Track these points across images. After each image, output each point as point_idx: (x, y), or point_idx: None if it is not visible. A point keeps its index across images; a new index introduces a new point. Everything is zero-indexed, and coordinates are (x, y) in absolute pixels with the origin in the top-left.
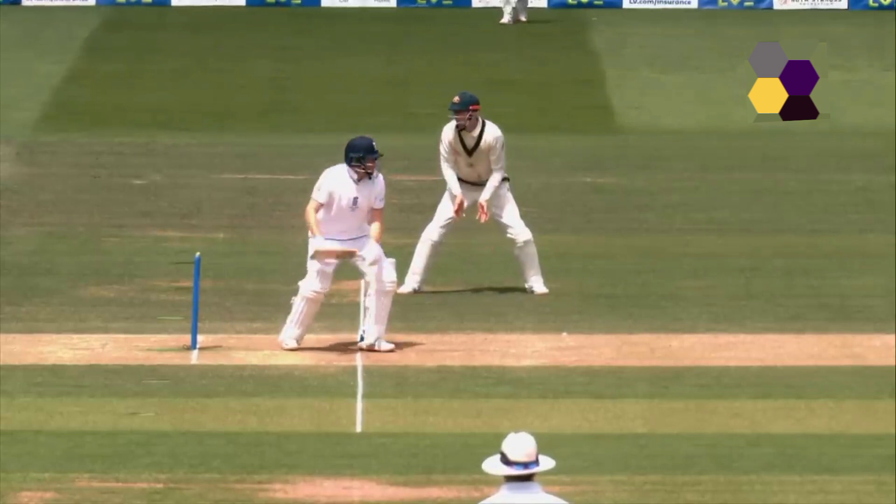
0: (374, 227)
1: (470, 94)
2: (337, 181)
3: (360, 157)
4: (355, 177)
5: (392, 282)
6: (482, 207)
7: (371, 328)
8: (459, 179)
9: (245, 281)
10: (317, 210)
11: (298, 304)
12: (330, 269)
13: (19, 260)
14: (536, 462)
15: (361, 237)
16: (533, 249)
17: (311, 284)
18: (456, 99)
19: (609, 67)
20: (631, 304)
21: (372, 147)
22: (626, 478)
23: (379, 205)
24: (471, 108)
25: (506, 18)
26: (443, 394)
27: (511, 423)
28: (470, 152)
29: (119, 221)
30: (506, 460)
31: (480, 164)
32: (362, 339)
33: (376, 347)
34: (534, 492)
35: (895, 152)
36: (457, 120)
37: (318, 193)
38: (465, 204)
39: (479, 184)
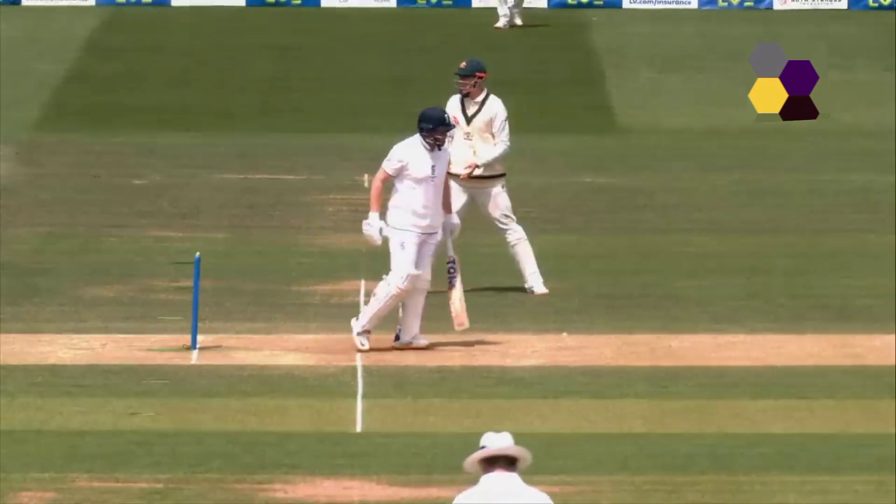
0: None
1: (478, 60)
2: (410, 151)
3: (431, 127)
4: (428, 147)
5: (428, 280)
6: (472, 166)
7: (409, 325)
8: (454, 175)
9: (245, 281)
10: (384, 181)
11: (382, 297)
12: (414, 262)
13: (19, 260)
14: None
15: (437, 218)
16: (527, 248)
17: (401, 281)
18: (462, 64)
19: (609, 67)
20: (631, 304)
21: (443, 118)
22: (626, 478)
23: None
24: (477, 74)
25: (501, 23)
26: (443, 394)
27: (511, 423)
28: (469, 120)
29: (119, 221)
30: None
31: (477, 137)
32: (398, 338)
33: (414, 344)
34: (514, 482)
35: (895, 152)
36: (461, 85)
37: (388, 163)
38: (462, 202)
39: (474, 177)
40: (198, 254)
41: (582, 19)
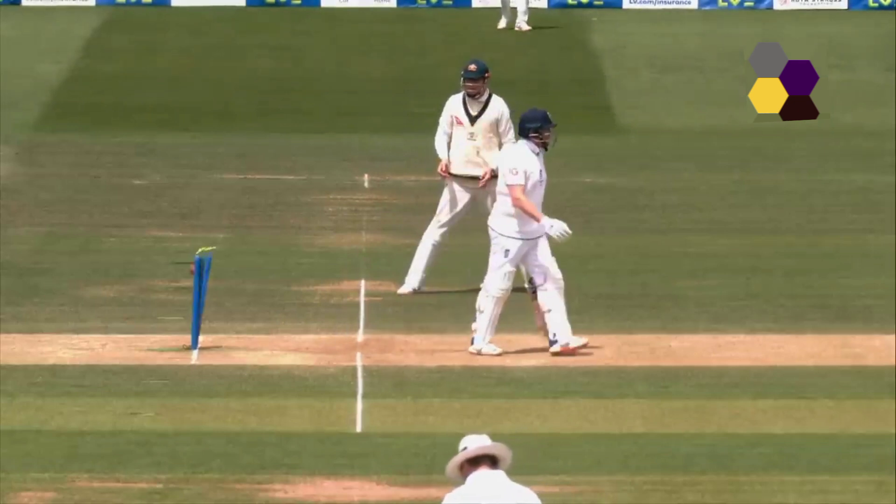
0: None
1: (482, 61)
2: (524, 158)
3: (538, 127)
4: (536, 150)
5: (560, 277)
6: (488, 173)
7: (562, 326)
8: (455, 175)
9: (245, 281)
10: (524, 193)
11: (490, 307)
12: (514, 269)
13: (19, 260)
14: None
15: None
16: None
17: (501, 283)
18: (472, 67)
19: (609, 67)
20: (631, 304)
21: (547, 116)
22: (625, 478)
23: None
24: (485, 75)
25: (502, 24)
26: (443, 394)
27: (511, 423)
28: (473, 120)
29: (119, 221)
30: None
31: (481, 137)
32: (553, 342)
33: (571, 345)
34: (499, 479)
35: (895, 152)
36: (471, 88)
37: (517, 177)
38: (463, 203)
39: (475, 177)
40: (204, 254)
41: (582, 19)
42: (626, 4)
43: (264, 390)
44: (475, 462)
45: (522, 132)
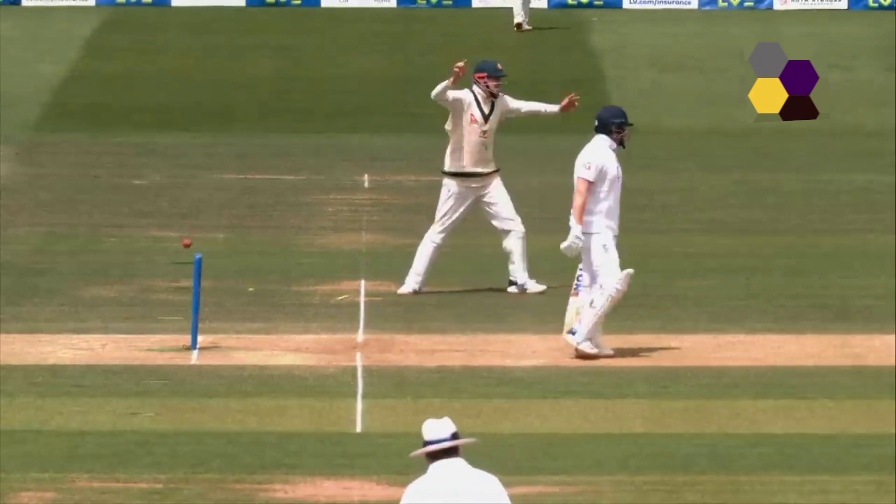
0: None
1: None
2: (600, 154)
3: (622, 122)
4: (614, 146)
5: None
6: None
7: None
8: (462, 174)
9: (245, 281)
10: (587, 190)
11: (602, 303)
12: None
13: (19, 260)
14: (455, 437)
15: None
16: (522, 245)
17: (615, 280)
18: (500, 66)
19: (609, 67)
20: (631, 304)
21: (625, 113)
22: (626, 478)
23: None
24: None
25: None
26: (443, 394)
27: (511, 423)
28: (486, 118)
29: (119, 221)
30: (425, 443)
31: (492, 134)
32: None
33: (592, 351)
34: (460, 466)
35: (895, 152)
36: (496, 87)
37: (588, 171)
38: (465, 203)
39: (482, 174)
40: (198, 254)
41: (582, 19)
42: (626, 4)
43: (264, 390)
44: (435, 452)
45: (605, 128)
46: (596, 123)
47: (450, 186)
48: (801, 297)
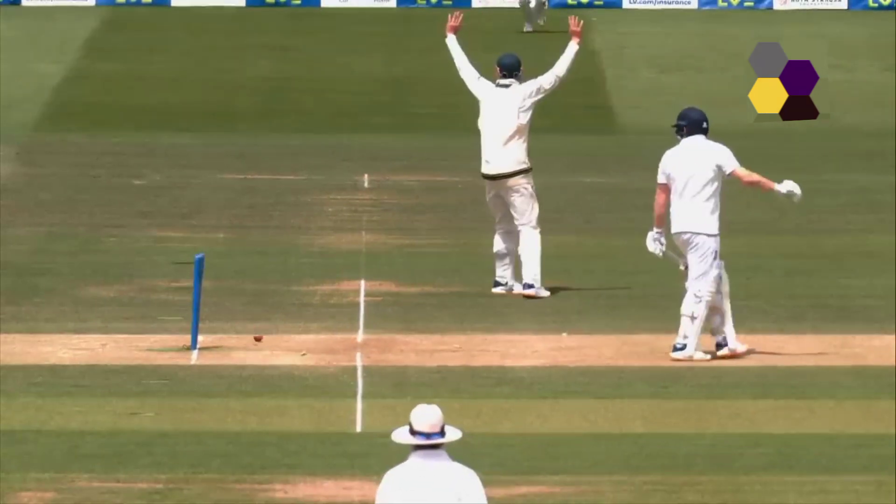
0: None
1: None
2: (676, 159)
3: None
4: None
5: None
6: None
7: (729, 330)
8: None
9: (245, 281)
10: (660, 196)
11: (703, 313)
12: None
13: (19, 260)
14: (441, 433)
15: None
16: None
17: (713, 287)
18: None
19: (609, 67)
20: (631, 304)
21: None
22: (626, 478)
23: None
24: None
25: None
26: (443, 394)
27: (511, 423)
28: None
29: (119, 221)
30: (412, 430)
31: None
32: (721, 346)
33: (738, 350)
34: (441, 459)
35: (895, 152)
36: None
37: (659, 175)
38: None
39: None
40: (200, 254)
41: (582, 19)
42: (626, 4)
43: (264, 390)
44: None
45: (703, 130)
46: (704, 125)
47: (486, 190)
48: (801, 297)
